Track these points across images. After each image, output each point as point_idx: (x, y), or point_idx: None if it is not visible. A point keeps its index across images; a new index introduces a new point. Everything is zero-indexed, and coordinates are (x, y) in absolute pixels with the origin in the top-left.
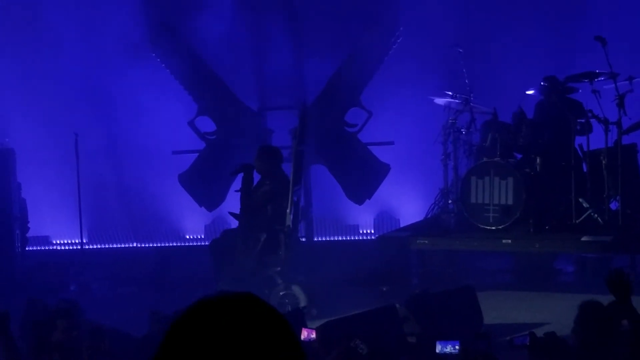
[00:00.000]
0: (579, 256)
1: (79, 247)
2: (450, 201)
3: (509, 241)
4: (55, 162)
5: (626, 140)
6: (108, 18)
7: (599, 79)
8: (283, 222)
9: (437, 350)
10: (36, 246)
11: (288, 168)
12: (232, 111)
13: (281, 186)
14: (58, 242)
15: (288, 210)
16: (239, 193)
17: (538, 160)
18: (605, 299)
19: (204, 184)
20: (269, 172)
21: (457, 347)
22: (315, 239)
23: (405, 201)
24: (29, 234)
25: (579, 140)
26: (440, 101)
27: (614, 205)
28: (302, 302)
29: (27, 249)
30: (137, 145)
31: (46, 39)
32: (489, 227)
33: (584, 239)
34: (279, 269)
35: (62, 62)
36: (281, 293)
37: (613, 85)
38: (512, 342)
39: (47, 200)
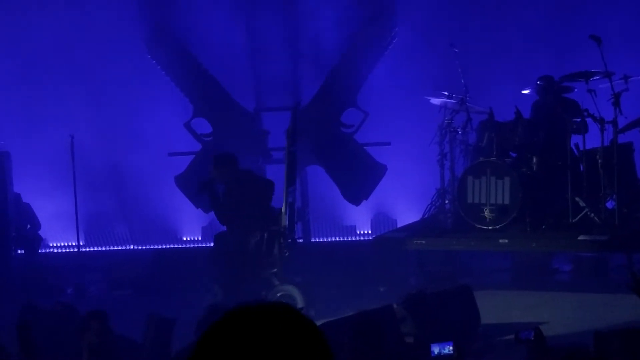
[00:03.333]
0: (575, 255)
1: (75, 250)
2: (447, 201)
3: (506, 241)
4: (51, 164)
5: (622, 139)
6: (104, 19)
7: (595, 78)
8: (274, 222)
9: (435, 352)
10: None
11: (282, 169)
12: (228, 113)
13: (247, 186)
14: (54, 244)
15: (283, 211)
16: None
17: (534, 159)
18: (597, 298)
19: None
20: (230, 178)
21: (450, 347)
22: (313, 240)
23: (402, 201)
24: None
25: (575, 139)
26: (436, 101)
27: (610, 204)
28: (300, 303)
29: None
30: (133, 147)
31: (42, 41)
32: (485, 227)
33: (580, 238)
34: (275, 270)
35: (57, 63)
36: (278, 294)
37: (609, 84)
38: (517, 335)
39: (42, 203)
